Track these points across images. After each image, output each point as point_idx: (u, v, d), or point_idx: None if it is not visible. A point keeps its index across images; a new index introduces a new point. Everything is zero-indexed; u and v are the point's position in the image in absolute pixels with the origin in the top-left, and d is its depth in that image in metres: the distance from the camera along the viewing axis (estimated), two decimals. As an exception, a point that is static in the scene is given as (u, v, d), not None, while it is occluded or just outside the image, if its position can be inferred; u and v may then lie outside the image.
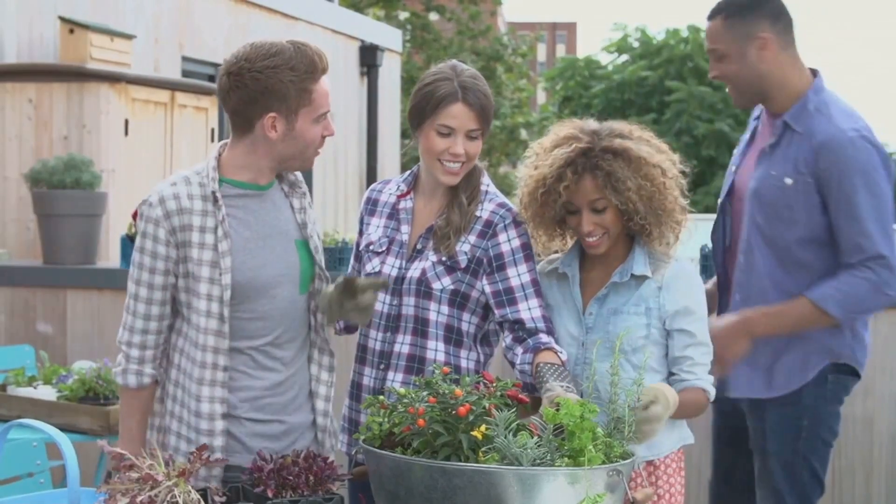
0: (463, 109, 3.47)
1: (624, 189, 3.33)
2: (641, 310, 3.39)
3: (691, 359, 3.37)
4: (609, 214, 3.37)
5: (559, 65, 40.35)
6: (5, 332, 6.40)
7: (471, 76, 3.51)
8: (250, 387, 3.35)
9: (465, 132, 3.48)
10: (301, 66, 3.25)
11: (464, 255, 3.50)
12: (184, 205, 3.29)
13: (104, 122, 7.95)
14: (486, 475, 2.62)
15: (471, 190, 3.56)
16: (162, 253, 3.30)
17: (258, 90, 3.24)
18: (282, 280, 3.36)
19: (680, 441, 3.49)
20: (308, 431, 3.45)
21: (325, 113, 3.33)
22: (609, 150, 3.35)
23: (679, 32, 37.10)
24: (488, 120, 3.52)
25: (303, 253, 3.42)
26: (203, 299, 3.29)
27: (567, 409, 2.74)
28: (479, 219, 3.53)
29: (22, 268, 6.69)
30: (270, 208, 3.39)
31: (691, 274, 3.46)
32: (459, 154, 3.47)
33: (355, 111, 14.11)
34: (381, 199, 3.71)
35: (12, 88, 7.99)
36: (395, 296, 3.55)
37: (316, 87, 3.28)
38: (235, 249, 3.31)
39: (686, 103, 34.89)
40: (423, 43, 27.45)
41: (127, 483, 2.79)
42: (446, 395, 2.79)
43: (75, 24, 8.27)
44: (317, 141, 3.34)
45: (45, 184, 6.81)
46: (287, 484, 2.94)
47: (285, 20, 12.24)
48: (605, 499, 2.66)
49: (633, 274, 3.41)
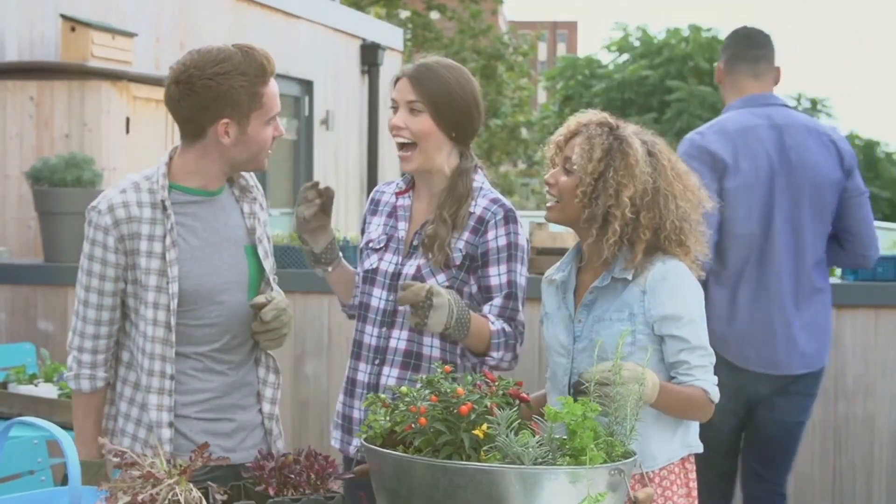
0: (404, 83, 3.55)
1: (589, 158, 3.23)
2: (625, 315, 3.25)
3: (687, 363, 3.23)
4: (571, 180, 3.27)
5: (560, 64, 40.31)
6: (6, 329, 6.41)
7: (434, 59, 3.60)
8: (199, 390, 3.37)
9: (406, 103, 3.53)
10: (251, 70, 3.24)
11: (458, 253, 3.51)
12: (132, 213, 3.29)
13: (105, 120, 7.94)
14: (488, 474, 2.62)
15: (456, 201, 3.54)
16: (111, 260, 3.31)
17: (210, 97, 3.23)
18: (230, 287, 3.36)
19: (684, 449, 3.32)
20: (257, 429, 3.47)
21: (273, 116, 3.32)
22: (616, 135, 3.28)
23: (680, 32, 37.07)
24: (431, 96, 3.52)
25: (251, 259, 3.42)
26: (150, 308, 3.30)
27: (569, 408, 2.74)
28: (473, 215, 3.53)
29: (23, 266, 6.70)
30: (219, 214, 3.38)
31: (677, 274, 3.26)
32: (398, 125, 3.53)
33: (356, 110, 14.10)
34: (384, 199, 3.73)
35: (13, 86, 7.99)
36: (392, 291, 3.56)
37: (266, 91, 3.28)
38: (183, 258, 3.31)
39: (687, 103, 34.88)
40: (424, 42, 27.45)
41: (128, 481, 2.79)
42: (448, 393, 2.79)
43: (76, 21, 8.26)
44: (268, 143, 3.34)
45: (46, 182, 6.81)
46: (288, 482, 2.93)
47: (286, 18, 12.23)
48: (606, 498, 2.65)
49: (613, 277, 3.28)
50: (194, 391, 3.36)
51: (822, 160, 4.61)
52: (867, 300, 5.61)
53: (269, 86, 3.29)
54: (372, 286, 3.61)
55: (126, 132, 8.05)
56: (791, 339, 4.57)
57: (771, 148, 4.59)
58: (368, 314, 3.61)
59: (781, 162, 4.58)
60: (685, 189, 3.31)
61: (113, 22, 8.87)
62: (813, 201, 4.59)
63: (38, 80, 7.98)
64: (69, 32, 8.24)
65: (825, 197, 4.60)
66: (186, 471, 2.82)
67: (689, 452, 3.34)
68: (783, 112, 4.68)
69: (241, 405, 3.43)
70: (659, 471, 3.28)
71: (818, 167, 4.60)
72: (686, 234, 3.29)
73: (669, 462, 3.29)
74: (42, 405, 4.79)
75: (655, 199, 3.25)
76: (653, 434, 3.21)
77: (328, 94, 13.33)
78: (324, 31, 13.15)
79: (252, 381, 3.46)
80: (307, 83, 12.91)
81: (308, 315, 5.92)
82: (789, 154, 4.59)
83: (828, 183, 4.60)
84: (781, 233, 4.56)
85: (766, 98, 4.73)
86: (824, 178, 4.60)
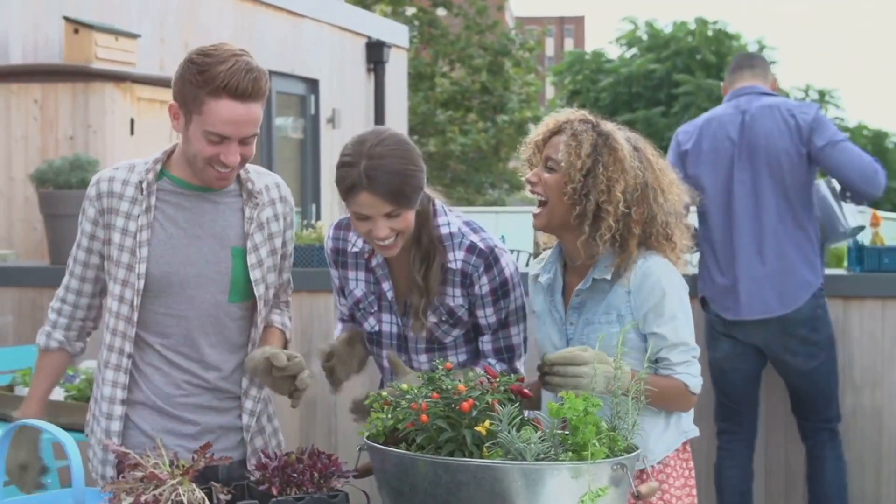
0: (369, 198, 3.22)
1: (577, 155, 3.20)
2: (613, 318, 3.24)
3: (667, 359, 3.22)
4: (555, 179, 3.24)
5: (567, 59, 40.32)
6: (13, 332, 6.41)
7: (377, 155, 3.22)
8: (162, 383, 3.35)
9: (383, 215, 3.25)
10: (207, 75, 3.15)
11: (462, 309, 3.44)
12: (115, 189, 3.35)
13: (110, 121, 7.95)
14: (490, 470, 2.61)
15: (425, 260, 3.40)
16: (88, 231, 3.38)
17: (175, 78, 3.25)
18: (203, 282, 3.33)
19: (681, 436, 3.34)
20: (232, 434, 3.43)
21: (214, 133, 3.17)
22: (600, 131, 3.25)
23: (687, 25, 37.07)
24: (405, 197, 3.24)
25: (237, 260, 3.37)
26: (118, 284, 3.33)
27: (570, 403, 2.73)
28: (455, 271, 3.40)
29: (29, 268, 6.70)
30: (209, 210, 3.35)
31: (658, 270, 3.24)
32: (385, 236, 3.27)
33: (362, 108, 14.10)
34: (348, 249, 3.55)
35: (18, 89, 7.99)
36: (403, 351, 3.51)
37: (210, 101, 3.15)
38: (156, 242, 3.31)
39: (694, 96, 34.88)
40: (430, 39, 27.48)
41: (131, 482, 2.79)
42: (449, 390, 2.78)
43: (80, 24, 8.27)
44: (203, 155, 3.21)
45: (51, 184, 6.81)
46: (292, 481, 2.93)
47: (291, 18, 12.24)
48: (608, 492, 2.65)
49: (594, 278, 3.27)
50: (156, 385, 3.35)
51: (776, 131, 5.29)
52: (874, 291, 5.60)
53: (218, 102, 3.14)
54: (380, 347, 3.54)
55: (131, 133, 8.06)
56: (755, 290, 5.29)
57: (731, 129, 5.35)
58: (385, 376, 3.61)
59: (741, 139, 5.32)
60: (671, 183, 3.32)
61: (116, 23, 8.89)
62: (771, 169, 5.29)
63: (43, 83, 7.98)
64: (73, 34, 8.25)
65: (782, 163, 5.28)
66: (189, 471, 2.82)
67: (685, 438, 3.36)
68: (751, 98, 5.42)
69: (213, 407, 3.40)
70: (656, 465, 3.27)
71: (771, 138, 5.29)
72: (672, 228, 3.29)
73: (667, 454, 3.30)
74: (47, 407, 4.77)
75: (645, 193, 3.24)
76: (649, 431, 3.20)
77: (334, 92, 13.33)
78: (329, 29, 13.15)
79: (231, 388, 3.41)
80: (313, 82, 12.91)
81: (315, 314, 5.91)
82: (746, 131, 5.33)
83: (783, 150, 5.28)
84: (740, 199, 5.30)
85: (744, 89, 5.47)
86: (780, 146, 5.28)
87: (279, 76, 12.11)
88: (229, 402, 3.42)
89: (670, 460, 3.32)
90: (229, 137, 3.18)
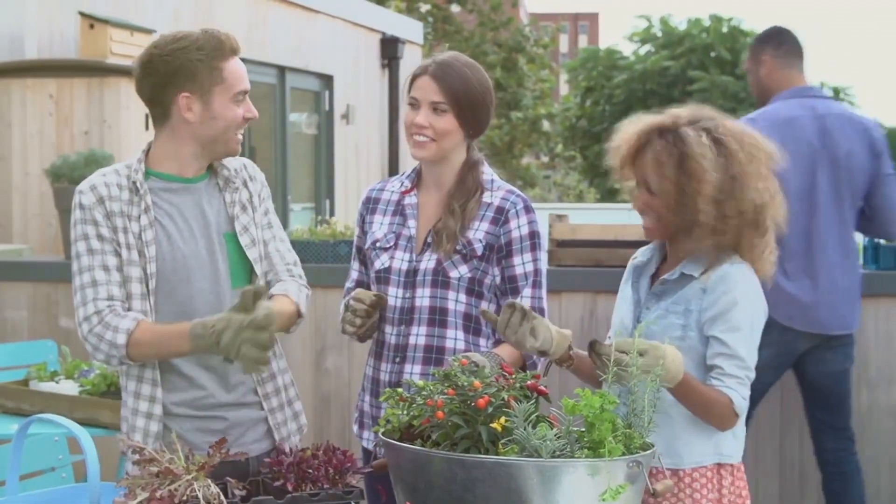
0: (427, 81, 3.54)
1: (661, 175, 3.21)
2: (680, 309, 3.21)
3: (720, 368, 3.14)
4: (660, 200, 3.24)
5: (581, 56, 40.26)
6: (28, 327, 6.41)
7: (453, 57, 3.58)
8: (184, 387, 3.33)
9: (430, 104, 3.52)
10: (208, 45, 3.28)
11: (479, 244, 3.51)
12: (112, 193, 3.34)
13: (125, 117, 7.96)
14: (506, 467, 2.61)
15: (465, 193, 3.55)
16: (106, 235, 3.32)
17: (168, 72, 3.28)
18: (207, 273, 3.34)
19: (716, 456, 3.24)
20: (259, 424, 3.42)
21: (241, 92, 3.33)
22: (676, 134, 3.25)
23: (701, 22, 36.99)
24: (459, 98, 3.52)
25: (231, 246, 3.40)
26: (135, 283, 3.30)
27: (587, 401, 2.72)
28: (490, 205, 3.54)
29: (44, 263, 6.70)
30: (198, 201, 3.38)
31: (739, 278, 3.20)
32: (421, 125, 3.51)
33: (376, 103, 14.11)
34: (383, 197, 3.71)
35: (33, 84, 8.01)
36: (408, 288, 3.55)
37: (226, 65, 3.30)
38: (159, 240, 3.32)
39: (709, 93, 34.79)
40: (444, 35, 27.46)
41: (146, 477, 2.79)
42: (465, 386, 2.78)
43: (95, 19, 8.27)
44: (237, 121, 3.34)
45: (66, 179, 6.81)
46: (307, 477, 2.93)
47: (305, 13, 12.24)
48: (625, 490, 2.64)
49: (683, 273, 3.26)
50: (179, 389, 3.33)
51: (856, 147, 5.17)
52: (890, 290, 5.58)
53: (230, 61, 3.30)
54: (386, 285, 3.59)
55: (146, 129, 8.05)
56: (836, 304, 5.13)
57: (811, 134, 5.15)
58: (386, 313, 3.60)
59: (822, 146, 5.14)
60: (759, 165, 3.29)
61: (131, 19, 8.89)
62: (850, 181, 5.17)
63: (58, 78, 8.00)
64: (88, 30, 8.26)
65: (857, 178, 5.17)
66: (204, 467, 2.82)
67: (720, 461, 3.25)
68: (825, 103, 5.29)
69: (237, 403, 3.39)
70: (690, 471, 3.22)
71: (852, 152, 5.16)
72: (765, 213, 3.26)
73: (699, 465, 3.23)
74: (63, 402, 4.79)
75: (733, 187, 3.21)
76: (679, 434, 3.19)
77: (348, 88, 13.33)
78: (343, 25, 13.15)
79: (245, 379, 3.40)
80: (327, 77, 12.92)
81: (328, 309, 5.90)
82: (826, 139, 5.16)
83: (859, 166, 5.17)
84: (825, 208, 5.14)
85: (810, 90, 5.34)
86: (857, 161, 5.17)
87: (293, 72, 12.11)
88: (251, 395, 3.41)
89: (706, 471, 3.24)
90: (247, 92, 3.36)
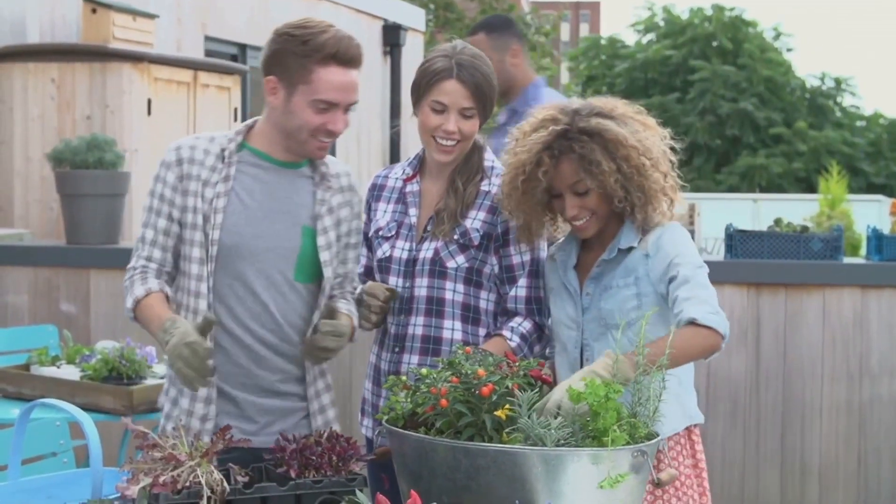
0: (456, 86, 3.45)
1: (599, 172, 3.25)
2: (630, 280, 3.29)
3: (676, 296, 3.18)
4: (593, 196, 3.30)
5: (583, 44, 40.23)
6: (29, 312, 6.41)
7: (470, 55, 3.49)
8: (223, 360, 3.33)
9: (459, 109, 3.46)
10: (312, 43, 3.25)
11: (476, 233, 3.50)
12: (196, 156, 3.35)
13: (127, 101, 7.95)
14: (510, 455, 2.61)
15: (468, 172, 3.55)
16: (168, 197, 3.35)
17: (271, 52, 3.30)
18: (271, 256, 3.35)
19: (686, 419, 3.36)
20: (293, 414, 3.43)
21: (326, 101, 3.27)
22: (585, 132, 3.27)
23: (703, 11, 36.96)
24: (484, 100, 3.49)
25: (306, 239, 3.39)
26: (196, 247, 3.32)
27: (592, 389, 2.72)
28: (488, 194, 3.53)
29: (45, 248, 6.70)
30: (286, 186, 3.39)
31: (674, 231, 3.32)
32: (452, 131, 3.46)
33: (378, 90, 14.08)
34: (388, 184, 3.70)
35: (35, 69, 8.00)
36: (407, 278, 3.54)
37: (318, 69, 3.25)
38: (231, 211, 3.33)
39: (710, 82, 34.79)
40: (446, 22, 27.40)
41: (150, 462, 2.79)
42: (469, 375, 2.77)
43: (98, 3, 8.26)
44: (311, 126, 3.29)
45: (67, 164, 6.80)
46: (310, 464, 2.92)
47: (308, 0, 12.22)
48: (628, 479, 2.64)
49: (619, 248, 3.33)
50: (227, 363, 3.34)
51: None
52: (892, 280, 5.57)
53: (326, 67, 3.25)
54: (387, 275, 3.59)
55: (148, 114, 8.05)
56: None
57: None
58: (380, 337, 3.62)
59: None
60: (643, 119, 3.39)
61: (134, 4, 8.87)
62: None
63: (60, 62, 7.99)
64: (90, 14, 8.25)
65: None
66: (208, 453, 2.82)
67: (691, 423, 3.38)
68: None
69: (274, 390, 3.40)
70: (668, 441, 3.27)
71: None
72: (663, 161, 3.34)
73: (674, 432, 3.31)
74: (64, 387, 4.79)
75: (651, 147, 3.31)
76: None
77: (350, 74, 13.29)
78: (346, 11, 13.12)
79: (291, 370, 3.41)
80: (329, 64, 12.88)
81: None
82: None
83: None
84: None
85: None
86: None
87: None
88: (291, 384, 3.42)
89: (680, 438, 3.34)
90: (337, 105, 3.29)
